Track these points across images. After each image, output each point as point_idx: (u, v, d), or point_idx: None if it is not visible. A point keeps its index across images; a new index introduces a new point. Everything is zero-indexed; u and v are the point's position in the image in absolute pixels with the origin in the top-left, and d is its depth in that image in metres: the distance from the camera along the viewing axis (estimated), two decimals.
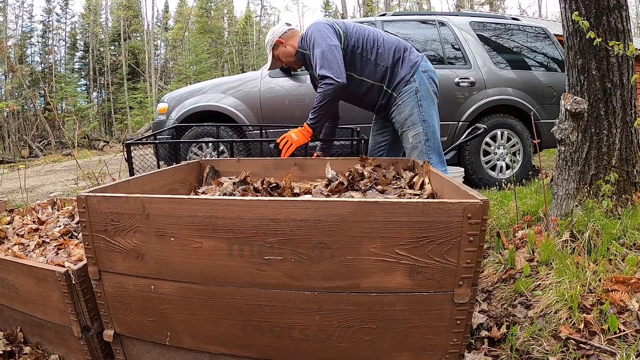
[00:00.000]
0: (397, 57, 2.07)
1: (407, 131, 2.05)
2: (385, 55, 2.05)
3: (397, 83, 2.06)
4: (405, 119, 2.05)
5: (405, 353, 0.99)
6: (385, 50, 2.06)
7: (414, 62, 2.07)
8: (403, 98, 2.05)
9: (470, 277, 0.92)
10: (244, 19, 30.94)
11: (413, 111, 2.03)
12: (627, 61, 1.87)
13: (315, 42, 1.98)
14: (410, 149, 2.05)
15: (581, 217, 1.79)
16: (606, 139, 1.88)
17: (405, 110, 2.04)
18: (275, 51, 2.18)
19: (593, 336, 1.29)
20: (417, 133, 2.02)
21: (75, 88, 23.29)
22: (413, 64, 2.06)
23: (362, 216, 0.91)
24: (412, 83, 2.04)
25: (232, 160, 1.92)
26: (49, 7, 25.18)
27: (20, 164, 8.64)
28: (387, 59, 2.06)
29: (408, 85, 2.04)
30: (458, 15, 4.45)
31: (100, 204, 1.05)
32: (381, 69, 2.05)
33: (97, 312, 1.17)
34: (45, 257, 1.42)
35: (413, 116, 2.03)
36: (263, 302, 1.00)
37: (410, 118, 2.03)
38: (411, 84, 2.04)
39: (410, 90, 2.04)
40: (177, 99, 4.05)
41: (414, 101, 2.03)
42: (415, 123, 2.03)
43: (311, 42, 2.02)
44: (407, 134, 2.05)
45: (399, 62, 2.06)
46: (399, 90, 2.06)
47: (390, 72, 2.06)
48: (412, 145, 2.04)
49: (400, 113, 2.06)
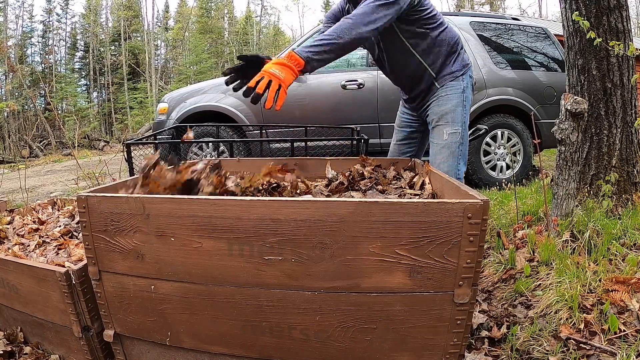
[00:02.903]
0: (455, 49, 1.88)
1: (444, 126, 1.83)
2: (446, 42, 1.85)
3: (445, 75, 1.87)
4: (446, 113, 1.83)
5: (405, 353, 0.99)
6: (447, 35, 1.85)
7: (466, 62, 1.92)
8: (448, 92, 1.86)
9: (471, 277, 0.92)
10: (244, 19, 30.94)
11: (457, 108, 1.84)
12: (628, 61, 1.87)
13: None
14: (442, 146, 1.82)
15: (581, 217, 1.79)
16: (606, 139, 1.88)
17: (449, 104, 1.84)
18: None
19: (593, 336, 1.29)
20: (455, 132, 1.82)
21: (75, 88, 23.31)
22: (465, 64, 1.91)
23: (362, 216, 0.91)
24: (460, 81, 1.87)
25: (232, 160, 1.92)
26: (49, 7, 25.19)
27: (21, 164, 8.64)
28: (447, 46, 1.85)
29: (456, 82, 1.86)
30: (458, 15, 4.45)
31: (101, 204, 1.05)
32: (437, 51, 1.84)
33: (97, 312, 1.17)
34: (45, 257, 1.42)
35: (455, 113, 1.83)
36: (263, 302, 1.00)
37: (451, 114, 1.83)
38: (459, 82, 1.87)
39: (458, 87, 1.86)
40: (178, 99, 4.05)
41: (460, 99, 1.85)
42: (456, 121, 1.83)
43: None
44: (443, 129, 1.83)
45: (454, 55, 1.89)
46: (444, 83, 1.87)
47: (443, 60, 1.86)
48: (446, 143, 1.81)
49: (442, 105, 1.85)
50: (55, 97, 21.27)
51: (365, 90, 3.94)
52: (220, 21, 29.22)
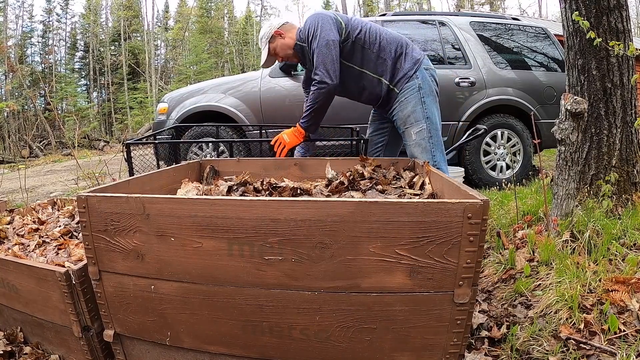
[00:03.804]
0: (400, 52, 2.04)
1: (410, 128, 2.02)
2: (387, 49, 2.02)
3: (400, 79, 2.03)
4: (408, 116, 2.01)
5: (406, 353, 0.99)
6: (387, 44, 2.02)
7: (416, 58, 2.04)
8: (406, 94, 2.02)
9: (471, 277, 0.92)
10: (244, 19, 30.96)
11: (416, 108, 2.00)
12: (627, 61, 1.86)
13: (313, 35, 1.94)
14: (414, 145, 2.02)
15: (581, 217, 1.79)
16: (606, 139, 1.88)
17: (408, 107, 2.01)
18: (272, 44, 2.11)
19: (593, 336, 1.29)
20: (421, 130, 2.00)
21: (75, 88, 23.31)
22: (415, 61, 2.03)
23: (362, 216, 0.91)
24: (414, 79, 2.01)
25: (232, 160, 1.92)
26: (49, 7, 25.22)
27: (21, 164, 8.64)
28: (390, 52, 2.02)
29: (411, 82, 2.01)
30: (458, 15, 4.45)
31: (101, 204, 1.05)
32: (382, 62, 2.02)
33: (97, 312, 1.17)
34: (45, 257, 1.42)
35: (416, 113, 2.00)
36: (263, 302, 1.00)
37: (413, 115, 2.00)
38: (414, 80, 2.01)
39: (413, 86, 2.01)
40: (177, 99, 4.05)
41: (417, 98, 2.00)
42: (419, 120, 2.00)
43: (310, 35, 1.96)
44: (410, 131, 2.02)
45: (401, 57, 2.03)
46: (401, 87, 2.03)
47: (392, 67, 2.03)
48: (416, 142, 2.01)
49: (403, 110, 2.03)
50: (55, 97, 21.27)
51: None
52: (220, 21, 29.24)
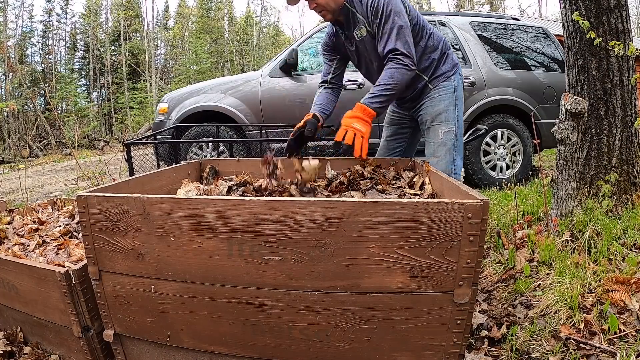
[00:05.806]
0: (444, 52, 2.00)
1: (439, 126, 1.94)
2: (434, 47, 1.97)
3: (437, 76, 1.98)
4: (440, 113, 1.94)
5: (406, 353, 0.99)
6: (435, 41, 1.98)
7: (455, 62, 2.03)
8: (440, 92, 1.96)
9: (470, 277, 0.92)
10: (244, 19, 30.93)
11: (449, 108, 1.95)
12: (627, 61, 1.87)
13: (392, 12, 1.77)
14: (438, 144, 1.93)
15: (581, 217, 1.79)
16: (606, 139, 1.88)
17: (441, 104, 1.95)
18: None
19: (593, 336, 1.29)
20: (450, 130, 1.94)
21: (75, 88, 23.29)
22: (455, 64, 2.02)
23: (362, 216, 0.91)
24: (452, 81, 1.98)
25: (232, 160, 1.92)
26: (49, 7, 25.17)
27: (21, 164, 8.64)
28: (436, 51, 1.97)
29: (448, 82, 1.97)
30: (458, 15, 4.45)
31: (101, 204, 1.05)
32: (427, 58, 1.96)
33: (97, 312, 1.17)
34: (45, 257, 1.42)
35: (448, 113, 1.95)
36: (263, 302, 1.00)
37: (444, 113, 1.94)
38: (451, 82, 1.97)
39: (450, 87, 1.97)
40: (177, 99, 4.05)
41: (452, 99, 1.96)
42: (449, 120, 1.94)
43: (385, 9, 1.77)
44: (437, 129, 1.94)
45: (444, 57, 2.00)
46: (436, 84, 1.97)
47: (435, 65, 1.98)
48: (441, 142, 1.93)
49: (435, 106, 1.96)
50: (55, 97, 21.26)
51: (365, 90, 3.93)
52: (220, 21, 29.22)
